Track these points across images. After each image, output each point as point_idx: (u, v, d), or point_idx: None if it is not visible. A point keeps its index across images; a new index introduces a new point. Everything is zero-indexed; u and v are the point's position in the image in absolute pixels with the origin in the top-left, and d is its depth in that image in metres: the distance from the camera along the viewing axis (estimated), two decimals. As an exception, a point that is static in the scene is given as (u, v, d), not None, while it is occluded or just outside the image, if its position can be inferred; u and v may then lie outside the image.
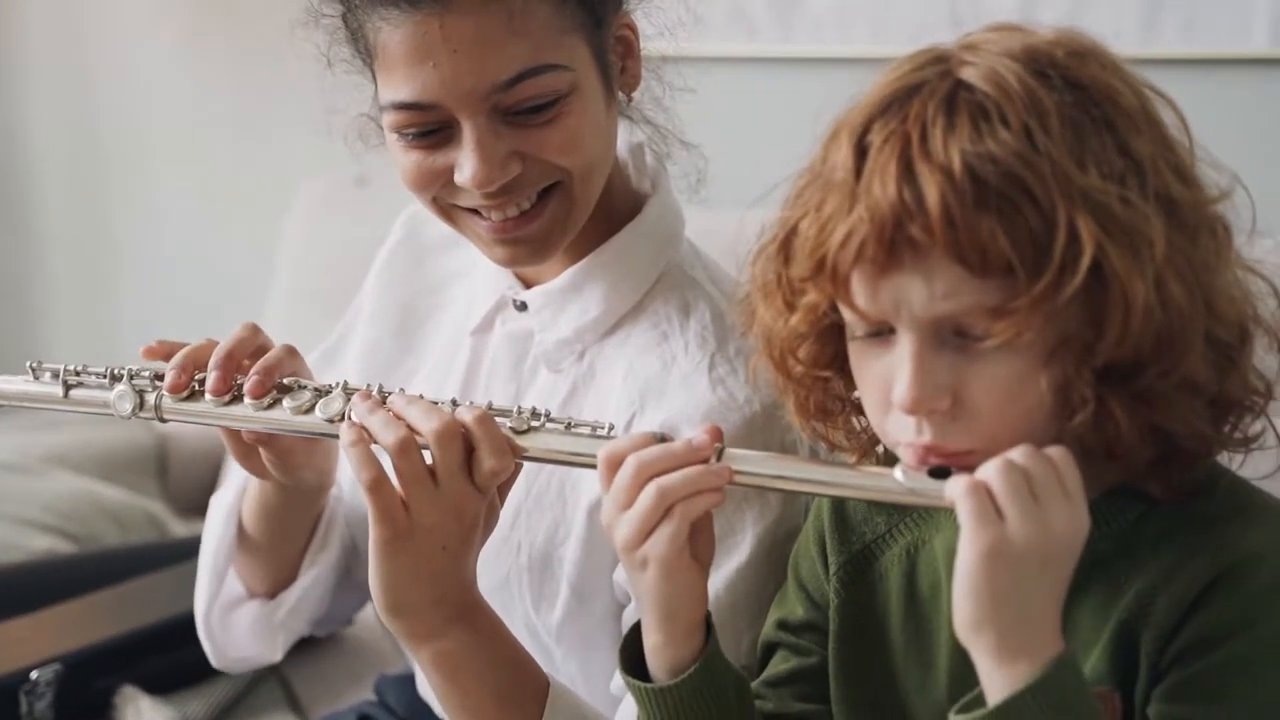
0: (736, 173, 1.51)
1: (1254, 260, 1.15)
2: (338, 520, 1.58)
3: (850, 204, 1.07)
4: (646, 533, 1.13)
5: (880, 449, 1.21)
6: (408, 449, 1.22)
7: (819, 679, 1.27)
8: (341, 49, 1.42)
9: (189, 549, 2.15)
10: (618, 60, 1.41)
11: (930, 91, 1.08)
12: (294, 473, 1.42)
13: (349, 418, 1.26)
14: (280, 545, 1.55)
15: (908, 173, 1.05)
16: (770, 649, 1.31)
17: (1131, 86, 1.10)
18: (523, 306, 1.49)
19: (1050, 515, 1.03)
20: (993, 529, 1.02)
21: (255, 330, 1.36)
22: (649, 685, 1.18)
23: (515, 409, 1.25)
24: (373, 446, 1.25)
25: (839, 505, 1.27)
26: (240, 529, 1.54)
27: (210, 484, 2.65)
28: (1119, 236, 1.04)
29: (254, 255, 2.75)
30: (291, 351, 1.35)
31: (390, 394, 1.28)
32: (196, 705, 1.91)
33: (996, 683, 1.04)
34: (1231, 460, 1.16)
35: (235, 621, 1.57)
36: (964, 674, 1.17)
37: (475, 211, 1.39)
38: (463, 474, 1.23)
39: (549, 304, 1.46)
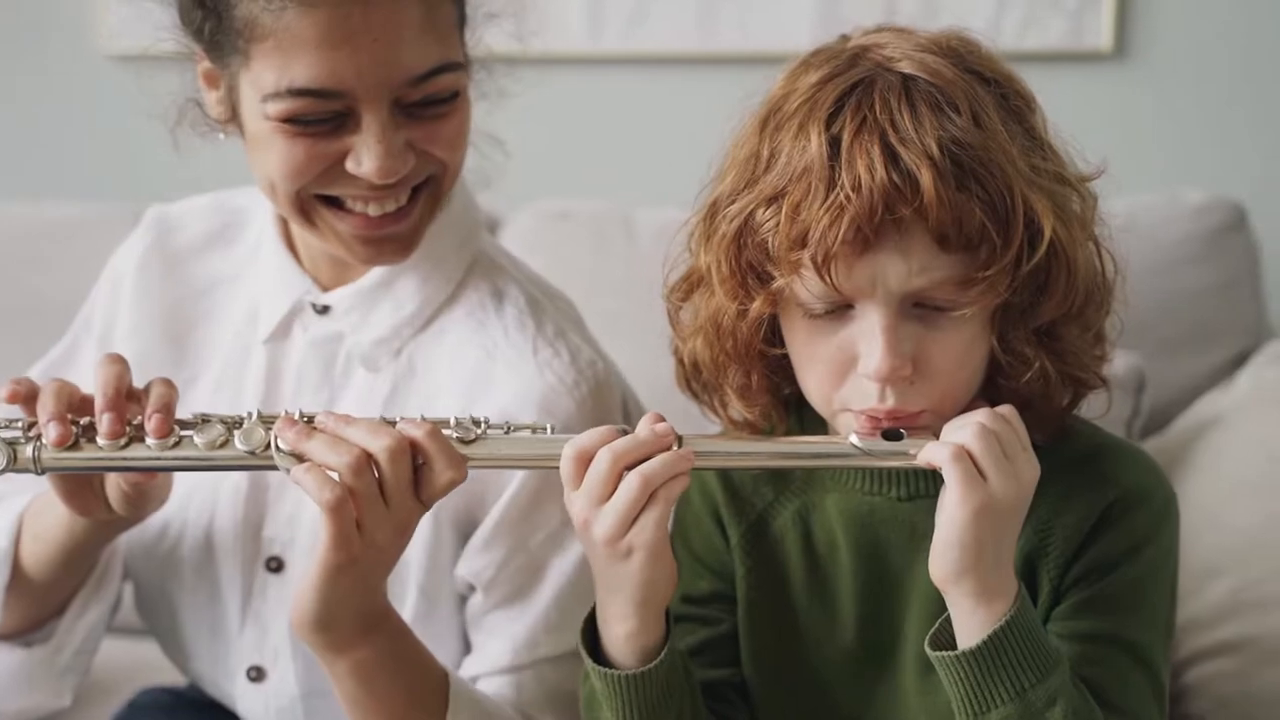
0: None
1: None
2: (119, 553, 1.50)
3: (826, 190, 1.15)
4: (631, 521, 1.17)
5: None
6: (361, 469, 1.19)
7: (729, 645, 1.35)
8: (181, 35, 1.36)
9: None
10: None
11: (886, 85, 1.17)
12: (146, 504, 1.34)
13: (276, 445, 1.22)
14: (63, 585, 1.46)
15: (892, 158, 1.14)
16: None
17: (1017, 77, 1.25)
18: (324, 310, 1.46)
19: (1019, 469, 1.16)
20: (980, 490, 1.14)
21: (125, 363, 1.28)
22: (625, 673, 1.21)
23: (452, 419, 1.24)
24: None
25: (728, 480, 1.35)
26: (15, 573, 1.43)
27: None
28: (1059, 211, 1.18)
29: None
30: (171, 383, 1.28)
31: (314, 416, 1.24)
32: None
33: (978, 620, 1.16)
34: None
35: None
36: (868, 618, 1.31)
37: (340, 208, 1.37)
38: (410, 490, 1.21)
39: (358, 304, 1.45)
